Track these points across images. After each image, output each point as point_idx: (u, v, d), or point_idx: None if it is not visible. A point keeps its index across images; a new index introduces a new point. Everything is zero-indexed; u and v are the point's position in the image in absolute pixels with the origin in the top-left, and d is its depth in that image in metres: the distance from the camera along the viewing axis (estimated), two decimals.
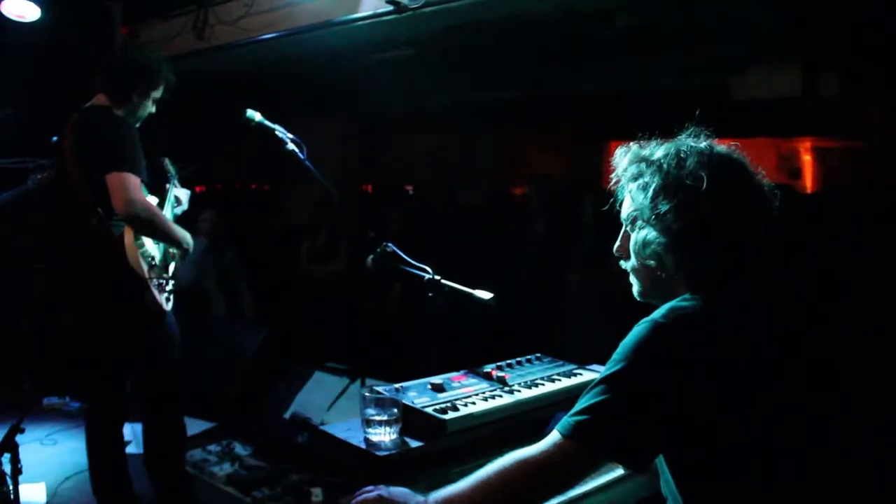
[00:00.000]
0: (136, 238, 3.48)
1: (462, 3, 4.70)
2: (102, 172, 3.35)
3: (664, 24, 5.68)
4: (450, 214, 8.07)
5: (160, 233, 3.49)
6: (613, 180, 1.79)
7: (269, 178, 10.34)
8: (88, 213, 3.41)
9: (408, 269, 2.73)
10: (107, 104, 3.61)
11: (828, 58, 6.38)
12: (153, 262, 3.58)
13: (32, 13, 5.64)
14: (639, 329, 1.55)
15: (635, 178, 1.70)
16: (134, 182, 3.36)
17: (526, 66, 7.47)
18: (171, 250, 3.75)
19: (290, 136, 3.51)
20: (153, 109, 3.78)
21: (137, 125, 3.69)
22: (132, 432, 5.40)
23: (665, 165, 1.65)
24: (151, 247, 3.58)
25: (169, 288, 3.67)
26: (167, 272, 3.68)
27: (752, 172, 1.68)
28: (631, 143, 1.78)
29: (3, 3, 5.55)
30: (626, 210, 1.75)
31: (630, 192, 1.72)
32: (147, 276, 3.50)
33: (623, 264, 1.80)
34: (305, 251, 7.02)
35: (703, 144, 1.68)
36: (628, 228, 1.76)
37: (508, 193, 8.99)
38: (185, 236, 3.63)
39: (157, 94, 3.75)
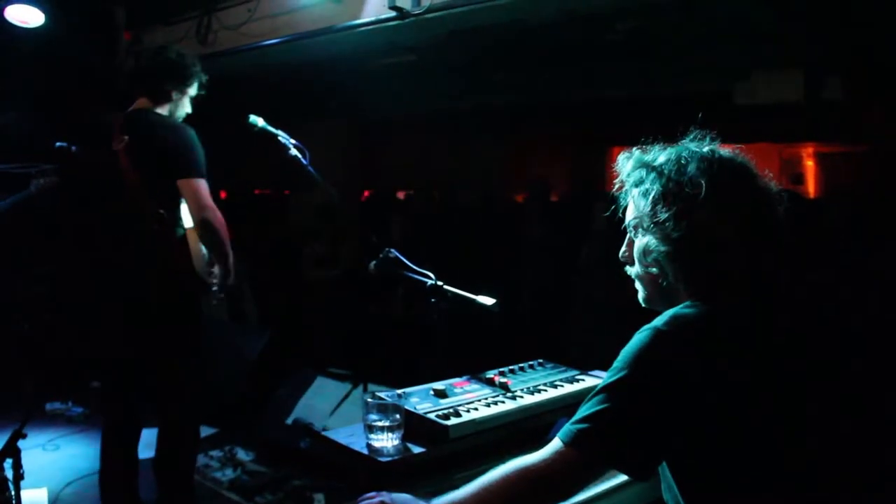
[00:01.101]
0: (197, 242, 3.51)
1: (464, 8, 4.70)
2: (171, 178, 3.36)
3: (666, 28, 5.68)
4: (451, 218, 8.07)
5: (221, 242, 3.47)
6: (617, 185, 1.78)
7: (272, 183, 10.36)
8: (149, 217, 3.40)
9: (410, 274, 2.72)
10: (151, 107, 3.61)
11: (830, 62, 6.37)
12: (210, 269, 3.61)
13: (36, 19, 5.65)
14: (640, 337, 1.55)
15: (638, 184, 1.70)
16: (206, 187, 3.39)
17: (528, 71, 7.47)
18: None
19: (293, 141, 3.52)
20: (190, 109, 3.78)
21: None
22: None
23: (666, 172, 1.64)
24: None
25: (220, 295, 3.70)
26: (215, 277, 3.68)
27: (755, 176, 1.67)
28: (634, 149, 1.77)
29: (6, 8, 5.56)
30: (629, 216, 1.75)
31: (633, 198, 1.72)
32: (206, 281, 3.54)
33: (628, 270, 1.79)
34: (308, 256, 7.03)
35: (705, 149, 1.67)
36: (632, 235, 1.76)
37: (509, 198, 9.00)
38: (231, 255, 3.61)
39: (193, 91, 3.76)
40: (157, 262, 3.45)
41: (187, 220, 3.56)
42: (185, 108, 3.76)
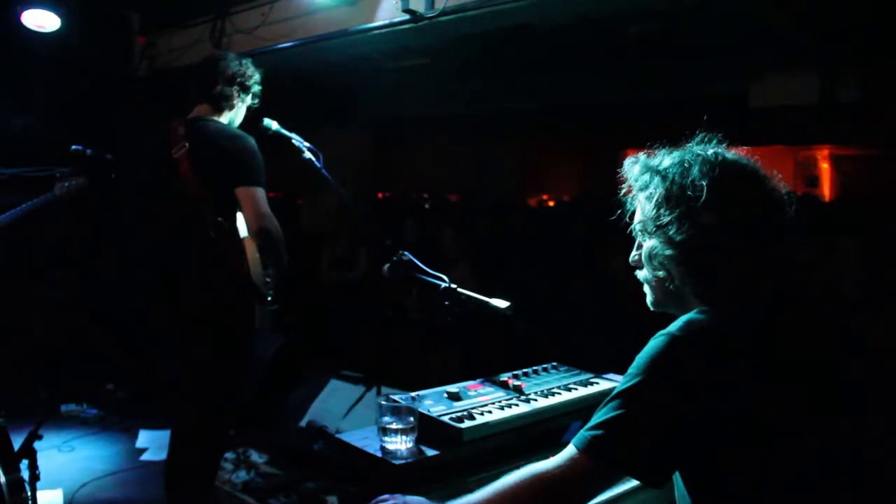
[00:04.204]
0: (255, 252, 3.48)
1: (478, 12, 4.70)
2: (229, 186, 3.34)
3: (679, 31, 5.67)
4: (466, 221, 8.07)
5: (280, 251, 3.43)
6: (624, 190, 1.78)
7: (285, 186, 10.41)
8: (208, 225, 3.36)
9: (424, 277, 2.72)
10: (210, 114, 3.58)
11: (846, 64, 6.34)
12: (267, 278, 3.58)
13: (52, 23, 5.69)
14: (655, 343, 1.54)
15: (643, 188, 1.70)
16: (265, 196, 3.36)
17: (541, 75, 7.47)
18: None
19: (307, 144, 3.52)
20: (241, 118, 3.74)
21: None
22: (150, 438, 5.45)
23: (669, 175, 1.64)
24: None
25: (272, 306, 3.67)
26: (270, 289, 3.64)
27: (762, 178, 1.65)
28: (640, 153, 1.77)
29: (23, 13, 5.61)
30: (636, 220, 1.75)
31: (640, 202, 1.72)
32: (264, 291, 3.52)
33: (638, 274, 1.79)
34: (326, 258, 7.04)
35: (710, 152, 1.66)
36: (640, 238, 1.75)
37: (523, 200, 9.00)
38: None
39: (249, 100, 3.72)
40: (214, 269, 3.41)
41: (242, 229, 3.52)
42: (241, 117, 3.72)
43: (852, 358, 1.65)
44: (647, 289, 1.78)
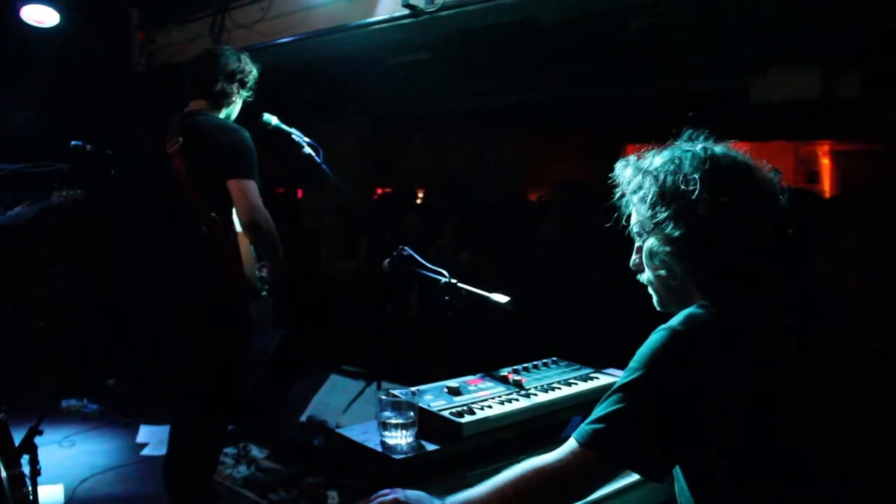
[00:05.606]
0: (248, 245, 3.48)
1: (478, 6, 4.69)
2: (222, 179, 3.34)
3: (681, 25, 5.65)
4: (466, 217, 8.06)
5: (273, 244, 3.43)
6: (618, 194, 1.78)
7: (286, 181, 10.39)
8: (201, 220, 3.37)
9: (424, 272, 2.72)
10: (207, 109, 3.58)
11: (848, 59, 6.32)
12: (261, 274, 3.59)
13: (51, 19, 5.68)
14: (656, 337, 1.54)
15: (636, 191, 1.70)
16: (256, 189, 3.36)
17: (542, 70, 7.44)
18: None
19: (307, 139, 3.52)
20: (237, 112, 3.75)
21: None
22: (150, 434, 5.46)
23: (661, 174, 1.65)
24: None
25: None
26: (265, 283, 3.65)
27: (754, 171, 1.66)
28: (629, 156, 1.77)
29: (22, 8, 5.60)
30: (632, 223, 1.75)
31: (634, 204, 1.72)
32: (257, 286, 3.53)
33: (640, 277, 1.79)
34: (326, 249, 7.03)
35: (699, 147, 1.67)
36: (638, 241, 1.75)
37: (524, 196, 8.98)
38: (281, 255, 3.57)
39: (246, 94, 3.72)
40: (206, 265, 3.42)
41: (238, 224, 3.52)
42: (237, 111, 3.73)
43: (852, 354, 1.65)
44: (651, 291, 1.78)
